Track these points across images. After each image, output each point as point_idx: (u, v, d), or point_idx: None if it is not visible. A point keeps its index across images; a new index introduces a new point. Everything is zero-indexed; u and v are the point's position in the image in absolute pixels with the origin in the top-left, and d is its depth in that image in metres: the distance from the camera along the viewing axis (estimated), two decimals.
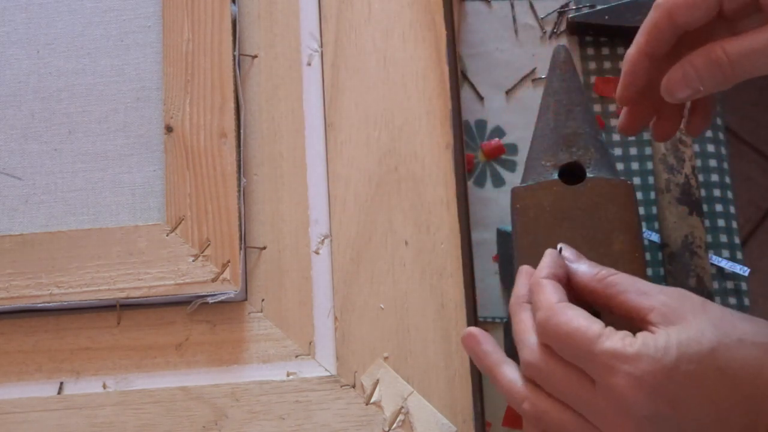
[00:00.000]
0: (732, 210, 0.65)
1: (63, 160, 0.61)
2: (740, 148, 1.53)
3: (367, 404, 0.55)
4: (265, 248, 0.59)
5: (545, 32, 0.69)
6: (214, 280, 0.57)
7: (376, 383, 0.55)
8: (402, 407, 0.55)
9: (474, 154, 0.66)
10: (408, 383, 0.55)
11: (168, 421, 0.55)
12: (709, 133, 0.66)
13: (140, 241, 0.58)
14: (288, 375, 0.56)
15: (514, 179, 0.65)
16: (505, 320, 0.60)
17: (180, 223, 0.58)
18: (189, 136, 0.60)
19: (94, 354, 0.57)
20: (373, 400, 0.55)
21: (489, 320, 0.62)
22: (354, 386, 0.56)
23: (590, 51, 0.68)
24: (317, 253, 0.59)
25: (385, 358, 0.56)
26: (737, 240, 0.65)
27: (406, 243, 0.58)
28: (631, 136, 0.66)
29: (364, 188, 0.59)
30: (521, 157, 0.66)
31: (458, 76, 0.63)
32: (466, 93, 0.67)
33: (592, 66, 0.68)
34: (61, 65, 0.63)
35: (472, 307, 0.56)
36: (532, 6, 0.69)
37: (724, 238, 0.64)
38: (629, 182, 0.53)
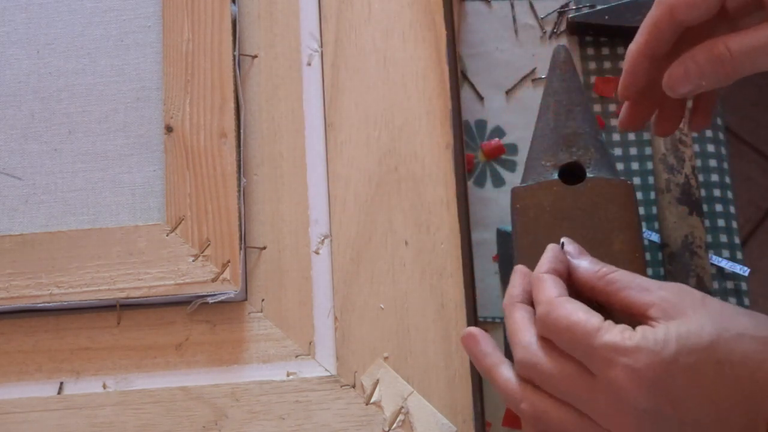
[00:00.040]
0: (732, 210, 0.65)
1: (63, 160, 0.61)
2: (740, 148, 1.53)
3: (367, 404, 0.55)
4: (265, 248, 0.59)
5: (545, 32, 0.69)
6: (214, 280, 0.57)
7: (376, 383, 0.55)
8: (402, 407, 0.55)
9: (474, 154, 0.66)
10: (408, 383, 0.55)
11: (168, 421, 0.55)
12: (709, 133, 0.66)
13: (140, 241, 0.58)
14: (288, 375, 0.56)
15: (514, 179, 0.65)
16: None
17: (180, 223, 0.58)
18: (189, 136, 0.60)
19: (94, 354, 0.57)
20: (373, 400, 0.55)
21: (489, 320, 0.62)
22: (354, 386, 0.56)
23: (590, 51, 0.68)
24: (317, 253, 0.59)
25: (385, 358, 0.56)
26: (737, 240, 0.65)
27: (406, 243, 0.58)
28: (632, 132, 0.66)
29: (364, 188, 0.59)
30: (521, 157, 0.66)
31: (458, 76, 0.63)
32: (466, 93, 0.67)
33: (592, 66, 0.68)
34: (61, 65, 0.63)
35: (472, 307, 0.56)
36: (532, 6, 0.69)
37: (724, 238, 0.64)
38: (629, 182, 0.53)
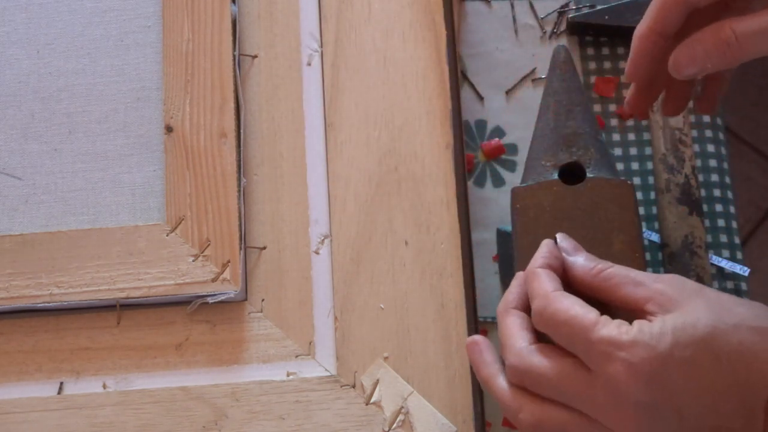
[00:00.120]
0: (732, 210, 0.65)
1: (63, 160, 0.61)
2: (740, 148, 1.53)
3: (367, 404, 0.55)
4: (265, 248, 0.59)
5: (545, 32, 0.69)
6: (214, 280, 0.57)
7: (376, 383, 0.55)
8: (402, 407, 0.55)
9: (474, 154, 0.66)
10: (408, 383, 0.55)
11: (168, 421, 0.55)
12: (709, 133, 0.66)
13: (140, 241, 0.58)
14: (288, 375, 0.56)
15: (514, 179, 0.65)
16: None
17: (180, 223, 0.58)
18: (189, 136, 0.60)
19: (94, 354, 0.57)
20: (373, 400, 0.55)
21: (489, 320, 0.62)
22: (354, 386, 0.56)
23: (590, 51, 0.68)
24: (317, 253, 0.59)
25: (385, 358, 0.56)
26: (737, 240, 0.65)
27: (406, 243, 0.58)
28: (632, 132, 0.66)
29: (364, 188, 0.59)
30: (521, 157, 0.66)
31: (458, 76, 0.63)
32: (466, 93, 0.67)
33: (592, 66, 0.68)
34: (61, 65, 0.63)
35: (472, 307, 0.56)
36: (532, 6, 0.69)
37: (724, 238, 0.64)
38: (629, 182, 0.53)
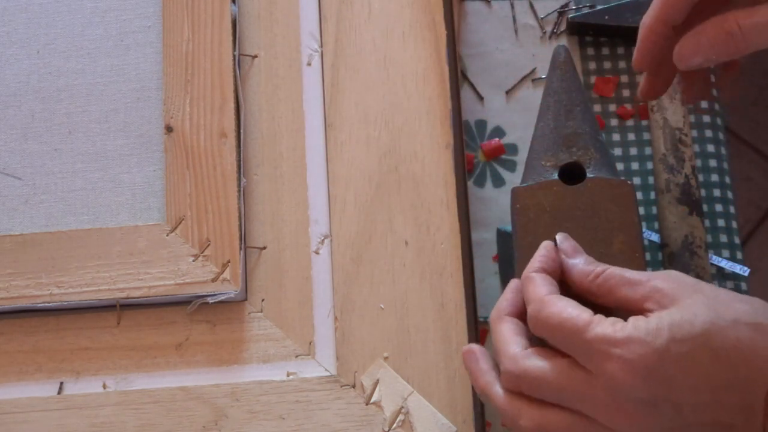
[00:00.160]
0: (732, 210, 0.65)
1: (63, 160, 0.61)
2: (740, 148, 1.53)
3: (367, 404, 0.55)
4: (265, 248, 0.59)
5: (545, 32, 0.69)
6: (214, 280, 0.57)
7: (376, 383, 0.55)
8: (402, 407, 0.55)
9: (474, 154, 0.66)
10: (408, 383, 0.55)
11: (168, 421, 0.55)
12: (709, 133, 0.66)
13: (140, 241, 0.58)
14: (288, 375, 0.56)
15: (514, 179, 0.65)
16: None
17: (180, 223, 0.58)
18: (189, 136, 0.60)
19: (94, 354, 0.57)
20: (373, 400, 0.55)
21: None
22: (354, 386, 0.56)
23: (590, 51, 0.68)
24: (317, 253, 0.59)
25: (385, 358, 0.56)
26: (737, 240, 0.65)
27: (406, 243, 0.58)
28: (632, 132, 0.66)
29: (364, 188, 0.59)
30: (521, 157, 0.66)
31: (458, 76, 0.63)
32: (466, 93, 0.67)
33: (592, 66, 0.68)
34: (61, 65, 0.63)
35: (472, 307, 0.56)
36: (532, 6, 0.69)
37: (724, 238, 0.64)
38: (629, 182, 0.53)
